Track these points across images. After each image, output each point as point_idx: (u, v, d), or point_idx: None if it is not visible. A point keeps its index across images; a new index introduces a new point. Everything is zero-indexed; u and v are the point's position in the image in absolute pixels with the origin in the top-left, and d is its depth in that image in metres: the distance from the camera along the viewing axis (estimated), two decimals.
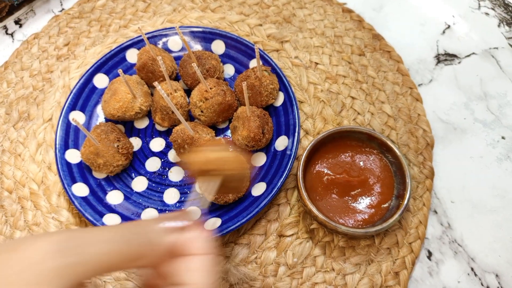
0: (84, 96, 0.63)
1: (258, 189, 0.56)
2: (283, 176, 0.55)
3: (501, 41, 0.73)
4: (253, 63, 0.66)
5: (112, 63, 0.66)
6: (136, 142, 0.63)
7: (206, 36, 0.67)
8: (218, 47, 0.67)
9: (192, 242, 0.31)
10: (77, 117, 0.62)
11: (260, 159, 0.59)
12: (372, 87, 0.67)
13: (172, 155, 0.62)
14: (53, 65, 0.72)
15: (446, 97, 0.68)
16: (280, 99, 0.61)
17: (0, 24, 0.78)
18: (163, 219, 0.32)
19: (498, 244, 0.57)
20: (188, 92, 0.64)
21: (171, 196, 0.59)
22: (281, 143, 0.59)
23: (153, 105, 0.62)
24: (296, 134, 0.58)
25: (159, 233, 0.31)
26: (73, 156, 0.59)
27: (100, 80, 0.65)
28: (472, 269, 0.55)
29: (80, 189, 0.57)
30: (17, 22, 0.79)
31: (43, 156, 0.63)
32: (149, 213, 0.57)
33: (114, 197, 0.58)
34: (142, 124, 0.64)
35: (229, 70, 0.67)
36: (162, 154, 0.62)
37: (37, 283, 0.25)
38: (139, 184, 0.60)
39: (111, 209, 0.57)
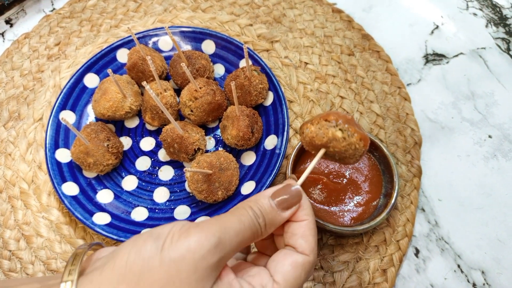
0: (75, 95, 0.64)
1: (247, 187, 0.57)
2: (272, 175, 0.55)
3: (488, 41, 0.73)
4: (243, 63, 0.66)
5: (102, 62, 0.66)
6: (126, 142, 0.63)
7: (197, 36, 0.68)
8: (208, 47, 0.68)
9: (298, 211, 0.36)
10: (68, 117, 0.62)
11: (250, 158, 0.60)
12: (361, 87, 0.68)
13: (162, 154, 0.62)
14: (44, 64, 0.72)
15: (434, 96, 0.68)
16: (269, 99, 0.62)
17: None
18: (275, 195, 0.36)
19: (484, 242, 0.57)
20: (178, 91, 0.64)
21: (161, 194, 0.59)
22: (271, 142, 0.59)
23: (143, 105, 0.62)
24: (285, 133, 0.58)
25: (277, 212, 0.35)
26: (63, 155, 0.60)
27: (91, 80, 0.65)
28: (458, 266, 0.56)
29: (70, 188, 0.57)
30: (8, 21, 0.79)
31: (33, 156, 0.64)
32: (139, 212, 0.57)
33: (104, 196, 0.58)
34: (132, 123, 0.64)
35: (219, 69, 0.67)
36: (152, 153, 0.62)
37: (201, 279, 0.30)
38: (129, 183, 0.60)
39: (101, 208, 0.57)
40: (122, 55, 0.67)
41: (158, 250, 0.30)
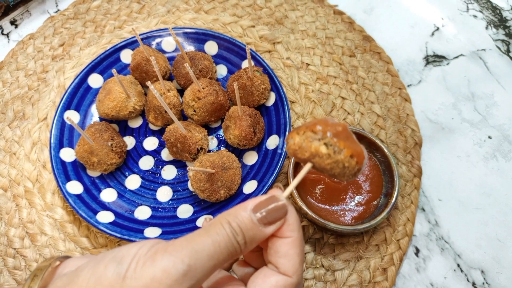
0: (79, 95, 0.64)
1: (249, 186, 0.57)
2: (274, 174, 0.56)
3: (488, 43, 0.74)
4: (245, 64, 0.67)
5: (106, 63, 0.67)
6: (129, 141, 0.64)
7: (199, 37, 0.68)
8: (211, 48, 0.68)
9: (283, 226, 0.32)
10: (72, 116, 0.63)
11: (252, 158, 0.61)
12: (362, 88, 0.69)
13: (165, 154, 0.63)
14: (48, 65, 0.73)
15: (434, 97, 0.69)
16: (271, 99, 0.63)
17: None
18: (257, 208, 0.32)
19: (484, 241, 0.58)
20: (181, 92, 0.65)
21: (164, 194, 0.60)
22: (272, 142, 0.60)
23: (146, 105, 0.63)
24: (287, 133, 0.59)
25: (259, 227, 0.31)
26: (68, 154, 0.60)
27: (95, 80, 0.66)
28: (458, 265, 0.57)
29: (74, 187, 0.58)
30: (13, 22, 0.80)
31: (38, 155, 0.64)
32: (142, 211, 0.58)
33: (108, 195, 0.59)
34: (135, 123, 0.65)
35: (221, 70, 0.68)
36: (155, 153, 0.63)
37: None
38: (133, 182, 0.61)
39: (104, 207, 0.58)
40: (126, 56, 0.68)
41: (120, 278, 0.26)
